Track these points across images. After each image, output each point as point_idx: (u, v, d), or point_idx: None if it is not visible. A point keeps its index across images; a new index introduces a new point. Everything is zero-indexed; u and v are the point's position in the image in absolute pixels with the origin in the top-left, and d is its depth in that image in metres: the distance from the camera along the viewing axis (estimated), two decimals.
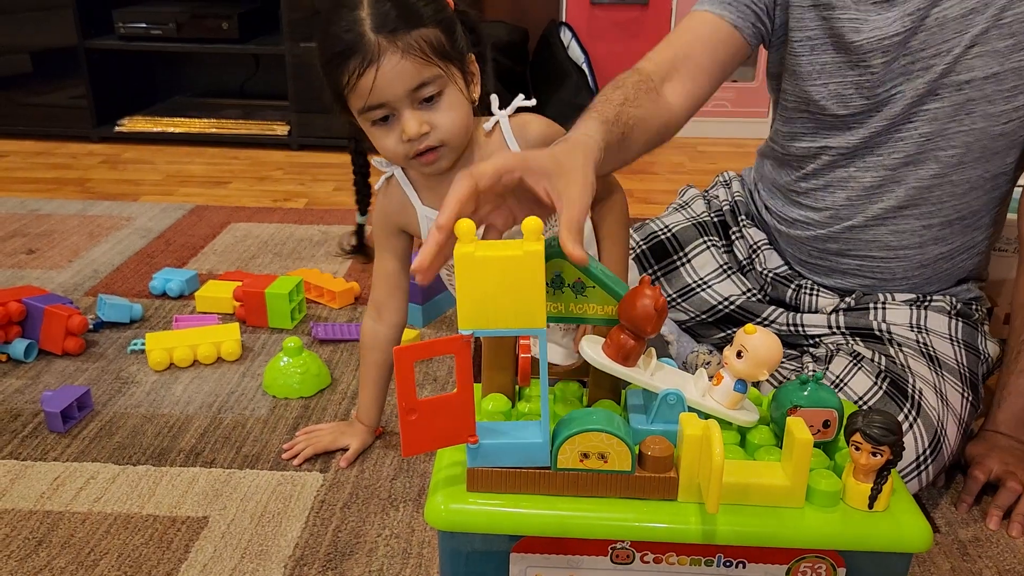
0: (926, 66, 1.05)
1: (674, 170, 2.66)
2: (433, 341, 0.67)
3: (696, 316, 1.27)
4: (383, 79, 0.95)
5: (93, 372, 1.39)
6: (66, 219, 2.09)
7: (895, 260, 1.15)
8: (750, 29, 1.11)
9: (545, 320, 0.68)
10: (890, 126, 1.09)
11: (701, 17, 1.12)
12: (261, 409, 1.29)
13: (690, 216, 1.34)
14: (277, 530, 1.03)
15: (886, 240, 1.14)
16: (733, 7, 1.10)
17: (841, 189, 1.15)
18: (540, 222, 0.67)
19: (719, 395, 0.76)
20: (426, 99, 0.97)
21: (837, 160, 1.14)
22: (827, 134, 1.14)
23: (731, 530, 0.69)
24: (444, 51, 0.97)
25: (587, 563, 0.73)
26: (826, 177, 1.16)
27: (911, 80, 1.06)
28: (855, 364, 1.08)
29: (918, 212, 1.12)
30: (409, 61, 0.94)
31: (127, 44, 2.77)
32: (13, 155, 2.67)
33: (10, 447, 1.19)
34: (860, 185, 1.13)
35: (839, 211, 1.16)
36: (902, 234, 1.13)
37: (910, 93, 1.06)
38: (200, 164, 2.62)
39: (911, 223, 1.12)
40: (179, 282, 1.66)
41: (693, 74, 1.08)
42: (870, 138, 1.11)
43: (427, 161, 1.00)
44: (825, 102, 1.12)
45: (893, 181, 1.11)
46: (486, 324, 0.68)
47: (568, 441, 0.70)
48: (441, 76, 0.97)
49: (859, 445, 0.69)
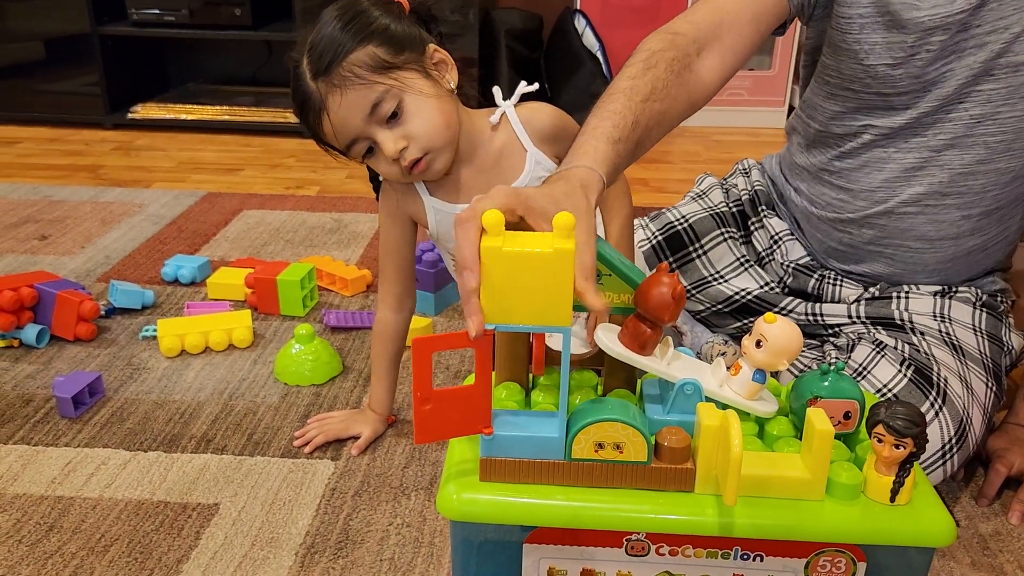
0: (980, 43, 0.99)
1: (689, 159, 2.64)
2: (453, 334, 0.66)
3: (711, 306, 1.25)
4: (337, 119, 0.96)
5: (105, 358, 1.38)
6: (79, 205, 2.09)
7: (930, 251, 1.11)
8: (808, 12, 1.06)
9: (571, 319, 0.67)
10: (940, 107, 1.03)
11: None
12: (272, 396, 1.28)
13: (707, 206, 1.32)
14: (288, 517, 1.02)
15: (923, 230, 1.10)
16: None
17: (878, 170, 1.10)
18: (572, 218, 0.65)
19: (737, 385, 0.75)
20: (391, 116, 0.96)
21: (878, 140, 1.09)
22: (870, 112, 1.08)
23: (749, 523, 0.68)
24: (383, 64, 0.95)
25: (601, 555, 0.72)
26: (863, 156, 1.11)
27: (963, 58, 1.00)
28: (879, 352, 1.06)
29: (959, 202, 1.07)
30: (350, 93, 0.94)
31: (140, 31, 2.76)
32: (27, 141, 2.67)
33: (22, 432, 1.19)
34: (900, 166, 1.08)
35: (875, 192, 1.11)
36: (941, 224, 1.09)
37: (963, 72, 1.00)
38: (212, 151, 2.62)
39: (951, 213, 1.08)
40: (191, 269, 1.66)
41: (734, 44, 1.01)
42: (917, 119, 1.05)
43: (419, 171, 0.99)
44: (872, 81, 1.05)
45: (935, 164, 1.06)
46: (509, 319, 0.66)
47: (583, 431, 0.69)
48: (390, 89, 0.95)
49: (881, 437, 0.67)
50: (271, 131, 2.77)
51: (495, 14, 2.74)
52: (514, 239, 0.65)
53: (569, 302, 0.66)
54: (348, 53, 0.95)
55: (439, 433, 0.69)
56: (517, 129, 1.05)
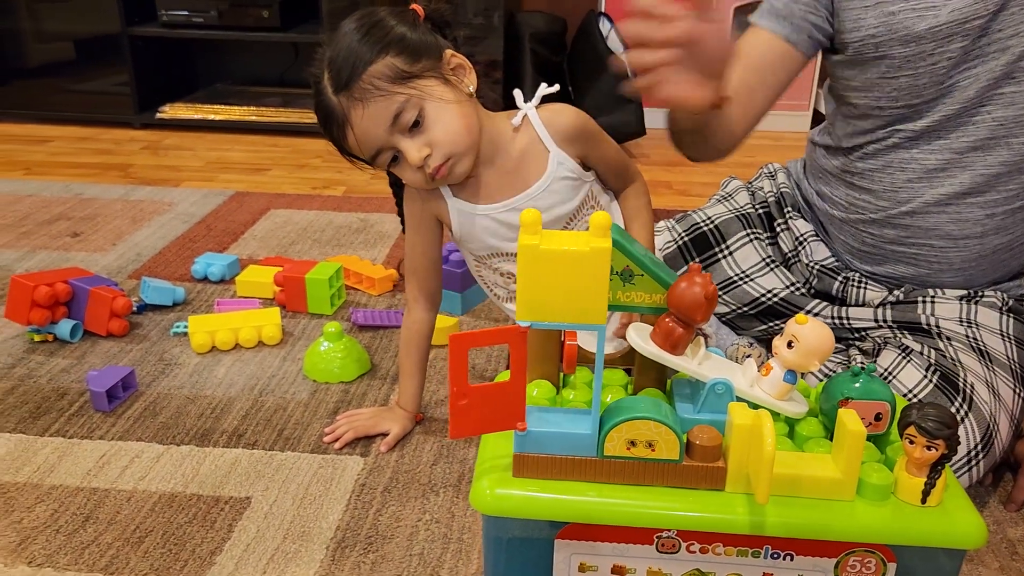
0: (1003, 47, 1.00)
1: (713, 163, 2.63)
2: (489, 330, 0.67)
3: (737, 308, 1.26)
4: (361, 132, 0.98)
5: (137, 353, 1.41)
6: (109, 203, 2.13)
7: (954, 250, 1.12)
8: (806, 43, 1.11)
9: (605, 317, 0.68)
10: (962, 110, 1.05)
11: (756, 37, 1.12)
12: (302, 393, 1.30)
13: (733, 208, 1.33)
14: (319, 512, 1.04)
15: (947, 229, 1.10)
16: (788, 22, 1.10)
17: (901, 170, 1.11)
18: (608, 217, 0.66)
19: (768, 385, 0.75)
20: (413, 125, 0.98)
21: (901, 142, 1.10)
22: (892, 119, 1.10)
23: (780, 522, 0.69)
24: (402, 74, 0.97)
25: (632, 551, 0.73)
26: (886, 158, 1.12)
27: (986, 62, 1.01)
28: (904, 357, 1.07)
29: (982, 200, 1.08)
30: (372, 105, 0.97)
31: (169, 31, 2.80)
32: (58, 140, 2.71)
33: (57, 425, 1.21)
34: (922, 167, 1.09)
35: (897, 193, 1.12)
36: (964, 223, 1.09)
37: (985, 76, 1.02)
38: (240, 151, 2.65)
39: (974, 211, 1.09)
40: (220, 266, 1.68)
41: (751, 101, 1.10)
42: (939, 122, 1.06)
43: (441, 175, 1.01)
44: (898, 93, 1.07)
45: (958, 166, 1.07)
46: (544, 317, 0.67)
47: (615, 428, 0.70)
48: (410, 98, 0.97)
49: (913, 438, 0.67)
50: (298, 131, 2.80)
51: (519, 17, 2.75)
52: (551, 238, 0.66)
53: (604, 300, 0.67)
54: (367, 66, 0.96)
55: (474, 428, 0.70)
56: (539, 130, 1.06)
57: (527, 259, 0.66)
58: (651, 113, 2.77)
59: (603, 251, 0.65)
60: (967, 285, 1.15)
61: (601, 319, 0.68)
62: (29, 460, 1.13)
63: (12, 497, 1.06)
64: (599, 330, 0.68)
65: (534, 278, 0.66)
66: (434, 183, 1.03)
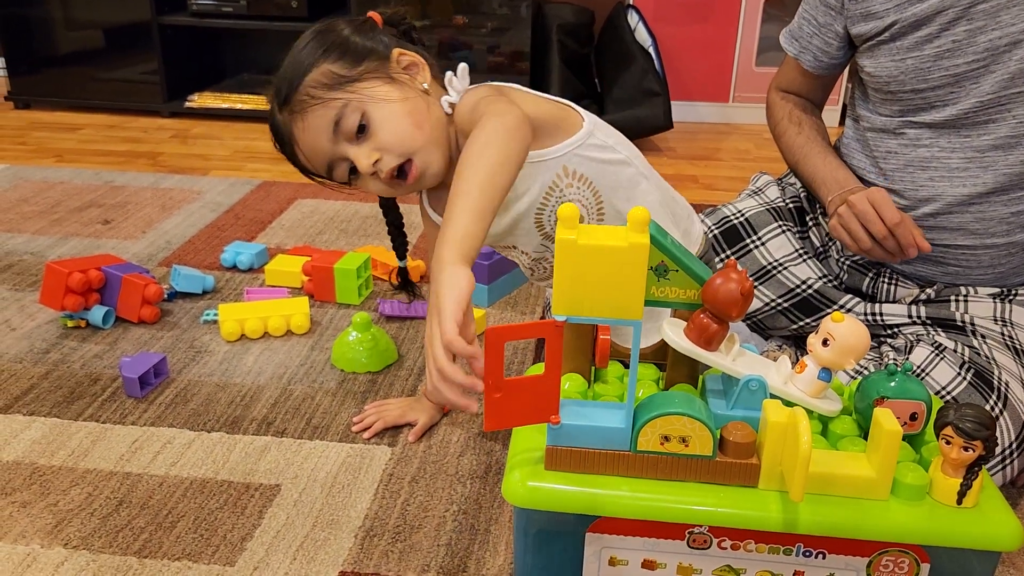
0: (1015, 40, 1.02)
1: (740, 157, 2.62)
2: (526, 324, 0.67)
3: (771, 301, 1.25)
4: (306, 146, 0.96)
5: (168, 340, 1.42)
6: (139, 191, 2.15)
7: (981, 249, 1.12)
8: (811, 62, 1.26)
9: (642, 312, 0.68)
10: (980, 107, 1.06)
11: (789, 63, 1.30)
12: (330, 382, 1.31)
13: (764, 201, 1.32)
14: (347, 501, 1.05)
15: (972, 228, 1.11)
16: (798, 43, 1.26)
17: (923, 170, 1.12)
18: (648, 212, 0.66)
19: (802, 383, 0.75)
20: (358, 131, 0.93)
21: (921, 139, 1.12)
22: (906, 108, 1.13)
23: (813, 520, 0.69)
24: (339, 79, 0.93)
25: (663, 546, 0.73)
26: (907, 157, 1.14)
27: (999, 57, 1.03)
28: (937, 354, 1.06)
29: (1006, 198, 1.09)
30: (311, 115, 0.93)
31: (199, 21, 2.81)
32: (88, 128, 2.74)
33: (90, 410, 1.23)
34: (944, 166, 1.11)
35: (918, 191, 1.13)
36: (989, 222, 1.10)
37: (1000, 71, 1.04)
38: (267, 140, 2.63)
39: (999, 210, 1.09)
40: (249, 255, 1.69)
41: (814, 103, 1.33)
42: (957, 118, 1.08)
43: (413, 179, 0.95)
44: (906, 78, 1.10)
45: (980, 165, 1.08)
46: (581, 311, 0.68)
47: (649, 424, 0.70)
48: (349, 102, 0.93)
49: (950, 439, 0.67)
50: None
51: (547, 9, 2.74)
52: (589, 233, 0.66)
53: (641, 296, 0.67)
54: (304, 76, 0.94)
55: (508, 421, 0.71)
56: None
57: (564, 254, 0.66)
58: (678, 107, 2.76)
59: (641, 247, 0.65)
60: (999, 283, 1.14)
61: (638, 314, 0.68)
62: (64, 444, 1.15)
63: (48, 480, 1.07)
64: (635, 325, 0.68)
65: (571, 273, 0.67)
66: (404, 188, 0.97)
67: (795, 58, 1.27)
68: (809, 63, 1.26)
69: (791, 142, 1.27)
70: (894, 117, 1.15)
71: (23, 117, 2.85)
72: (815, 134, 1.25)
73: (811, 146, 1.24)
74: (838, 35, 1.20)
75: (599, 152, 1.02)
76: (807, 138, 1.25)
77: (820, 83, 1.30)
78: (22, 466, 1.10)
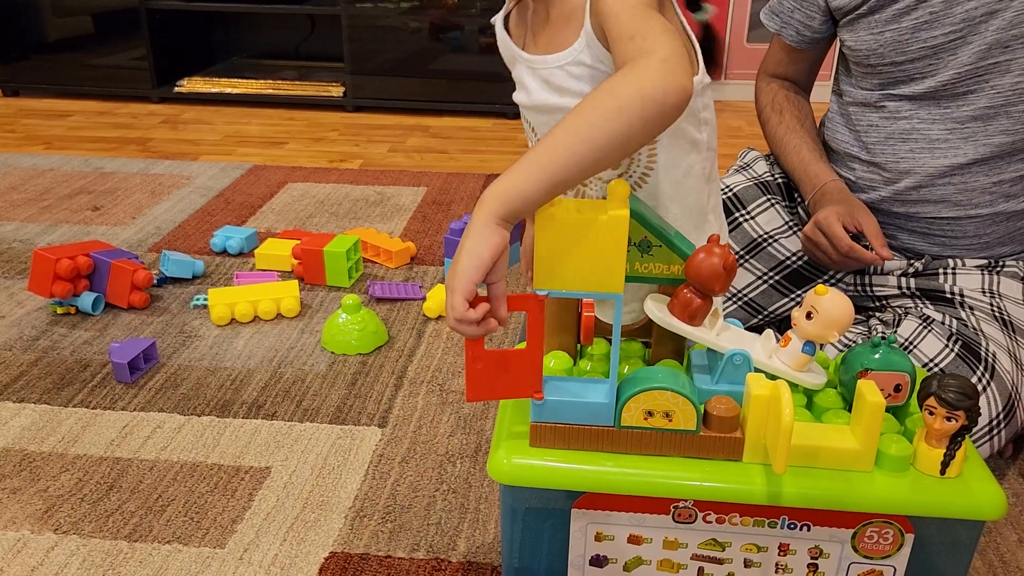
0: (990, 10, 1.02)
1: (732, 134, 2.61)
2: (507, 296, 0.67)
3: (763, 275, 1.24)
4: None
5: (157, 326, 1.42)
6: (129, 177, 2.14)
7: (965, 219, 1.12)
8: (793, 37, 1.26)
9: (623, 285, 0.68)
10: (959, 78, 1.07)
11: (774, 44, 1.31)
12: (320, 365, 1.31)
13: (752, 176, 1.31)
14: (337, 482, 1.05)
15: (955, 199, 1.11)
16: (790, 27, 1.25)
17: (903, 141, 1.13)
18: (626, 186, 0.66)
19: (786, 357, 0.75)
20: None
21: (901, 111, 1.13)
22: (886, 80, 1.13)
23: (797, 492, 0.69)
24: None
25: (648, 521, 0.73)
26: (887, 130, 1.14)
27: (975, 27, 1.03)
28: (925, 327, 1.06)
29: (987, 168, 1.09)
30: None
31: (187, 5, 2.80)
32: (77, 114, 2.73)
33: (80, 396, 1.23)
34: (924, 137, 1.11)
35: (899, 163, 1.13)
36: (971, 192, 1.10)
37: (977, 41, 1.04)
38: (257, 125, 2.65)
39: (980, 180, 1.09)
40: (239, 240, 1.69)
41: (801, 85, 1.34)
42: (936, 89, 1.09)
43: None
44: (885, 51, 1.11)
45: (960, 136, 1.09)
46: (562, 285, 0.67)
47: (633, 399, 0.69)
48: None
49: (933, 409, 0.67)
50: (314, 105, 2.80)
51: None
52: (568, 208, 0.66)
53: (622, 269, 0.67)
54: None
55: (490, 393, 0.70)
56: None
57: (544, 228, 0.66)
58: None
59: (620, 219, 0.65)
60: (986, 254, 1.14)
61: (619, 288, 0.68)
62: (54, 430, 1.15)
63: (38, 466, 1.07)
64: (616, 299, 0.68)
65: (551, 246, 0.66)
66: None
67: (777, 33, 1.27)
68: (792, 38, 1.26)
69: (771, 132, 1.29)
70: (875, 91, 1.15)
71: (12, 104, 2.83)
72: (795, 122, 1.26)
73: (789, 137, 1.25)
74: (819, 7, 1.20)
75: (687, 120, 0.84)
76: (787, 128, 1.26)
77: (806, 62, 1.29)
78: (12, 452, 1.10)
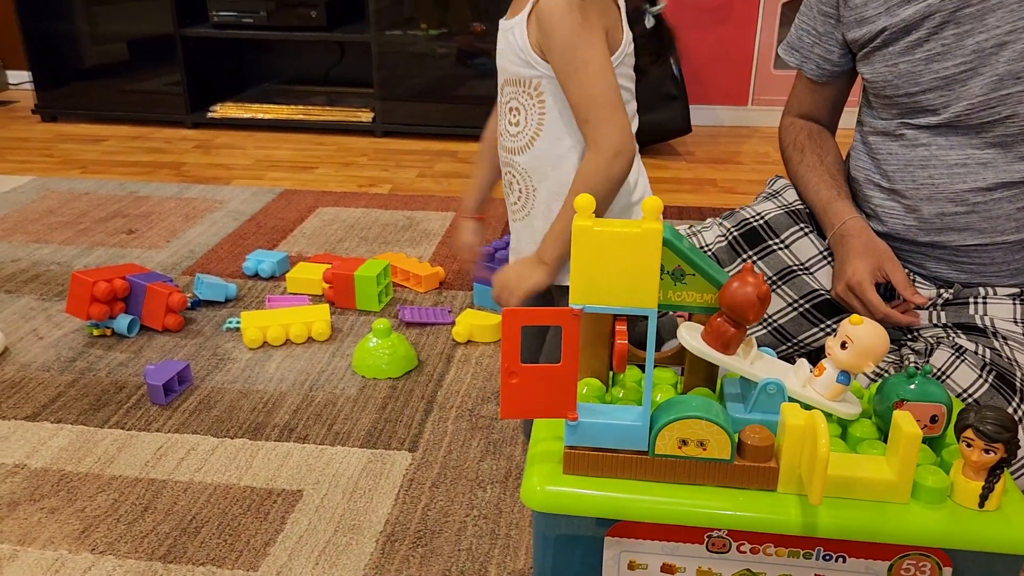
0: (1000, 42, 1.02)
1: (759, 160, 2.61)
2: (543, 309, 0.68)
3: (794, 302, 1.24)
4: None
5: (191, 348, 1.44)
6: (163, 201, 2.18)
7: (992, 247, 1.11)
8: (815, 71, 1.26)
9: (656, 301, 0.68)
10: (972, 110, 1.07)
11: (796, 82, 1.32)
12: (351, 388, 1.32)
13: (782, 204, 1.31)
14: (368, 506, 1.05)
15: (979, 226, 1.11)
16: (811, 62, 1.26)
17: (922, 168, 1.13)
18: (660, 202, 0.67)
19: (821, 386, 0.75)
20: None
21: (920, 138, 1.13)
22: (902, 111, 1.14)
23: (833, 523, 0.68)
24: None
25: (682, 550, 0.73)
26: (906, 157, 1.15)
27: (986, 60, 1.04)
28: (958, 357, 1.05)
29: (1010, 194, 1.08)
30: None
31: (220, 32, 2.85)
32: (112, 139, 2.78)
33: (116, 417, 1.24)
34: (943, 163, 1.11)
35: (919, 190, 1.13)
36: (996, 219, 1.10)
37: (988, 73, 1.04)
38: (288, 149, 2.69)
39: (1003, 206, 1.09)
40: (271, 263, 1.71)
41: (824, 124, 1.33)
42: (951, 121, 1.09)
43: None
44: (900, 82, 1.12)
45: (979, 162, 1.09)
46: (597, 300, 0.68)
47: (667, 427, 0.70)
48: None
49: (971, 441, 0.67)
50: (344, 130, 2.84)
51: None
52: (605, 222, 0.67)
53: (655, 283, 0.68)
54: None
55: (524, 411, 0.71)
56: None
57: (580, 242, 0.67)
58: (697, 111, 2.75)
59: (654, 232, 0.66)
60: (1017, 281, 1.14)
61: (652, 303, 0.68)
62: (90, 451, 1.16)
63: (75, 486, 1.09)
64: (650, 314, 0.69)
65: (587, 260, 0.67)
66: None
67: (798, 67, 1.28)
68: (812, 72, 1.27)
69: (793, 171, 1.30)
70: (892, 119, 1.16)
71: (49, 129, 2.89)
72: (816, 160, 1.26)
73: (809, 175, 1.26)
74: (838, 42, 1.21)
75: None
76: (807, 166, 1.26)
77: (828, 98, 1.30)
78: (50, 472, 1.12)
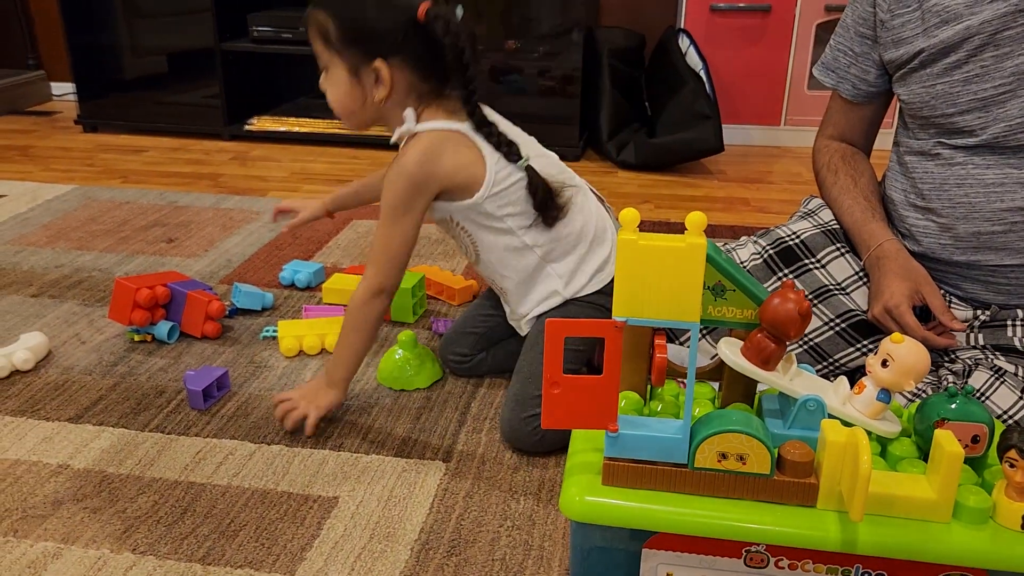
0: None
1: (791, 180, 2.61)
2: (586, 321, 0.69)
3: (829, 321, 1.24)
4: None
5: (229, 355, 1.47)
6: (201, 211, 2.22)
7: None
8: (850, 91, 1.28)
9: (699, 315, 0.69)
10: (1011, 131, 1.07)
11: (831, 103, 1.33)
12: (385, 399, 1.33)
13: (818, 224, 1.31)
14: (403, 514, 1.07)
15: (1017, 247, 1.11)
16: (847, 82, 1.28)
17: (958, 186, 1.13)
18: (704, 216, 0.68)
19: (861, 404, 0.75)
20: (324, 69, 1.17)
21: (954, 157, 1.13)
22: (940, 131, 1.15)
23: (873, 541, 0.69)
24: (325, 36, 1.14)
25: (720, 564, 0.73)
26: (943, 175, 1.15)
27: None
28: (997, 378, 1.05)
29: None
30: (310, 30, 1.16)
31: (259, 47, 2.90)
32: (152, 150, 2.84)
33: (156, 421, 1.27)
34: (979, 182, 1.11)
35: (956, 208, 1.14)
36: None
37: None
38: (322, 162, 2.73)
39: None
40: (307, 274, 1.73)
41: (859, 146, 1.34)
42: (988, 143, 1.10)
43: None
44: (936, 103, 1.12)
45: (1016, 180, 1.09)
46: (640, 313, 0.69)
47: (707, 441, 0.70)
48: (320, 54, 1.16)
49: (1014, 462, 0.67)
50: (377, 144, 2.87)
51: (598, 32, 2.77)
52: (649, 235, 0.68)
53: (699, 297, 0.69)
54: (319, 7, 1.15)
55: (565, 421, 0.72)
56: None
57: (625, 255, 0.68)
58: (729, 130, 2.76)
59: (699, 247, 0.67)
60: None
61: (695, 316, 0.69)
62: (131, 453, 1.19)
63: (116, 487, 1.11)
64: (692, 328, 0.69)
65: (631, 274, 0.68)
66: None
67: (834, 87, 1.29)
68: (848, 92, 1.28)
69: (827, 193, 1.31)
70: (929, 139, 1.17)
71: (91, 140, 2.96)
72: (850, 182, 1.27)
73: (843, 198, 1.26)
74: (874, 62, 1.22)
75: (485, 219, 1.23)
76: (840, 188, 1.27)
77: (864, 119, 1.31)
78: (92, 473, 1.14)
